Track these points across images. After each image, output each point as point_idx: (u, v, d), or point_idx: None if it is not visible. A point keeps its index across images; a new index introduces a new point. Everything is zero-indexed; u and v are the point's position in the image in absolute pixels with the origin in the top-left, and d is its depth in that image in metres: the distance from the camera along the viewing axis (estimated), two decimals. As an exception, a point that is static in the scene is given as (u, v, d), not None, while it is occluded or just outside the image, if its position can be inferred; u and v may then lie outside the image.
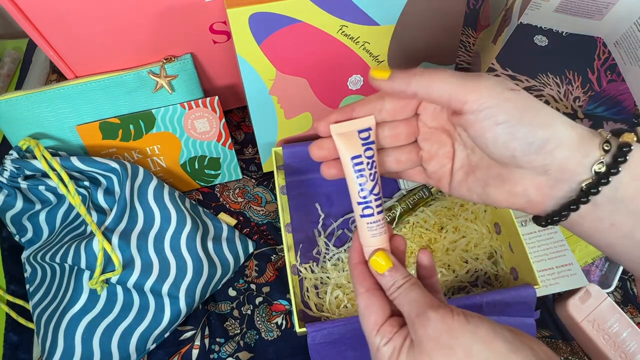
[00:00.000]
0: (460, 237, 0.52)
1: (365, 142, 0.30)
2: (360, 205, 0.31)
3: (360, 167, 0.30)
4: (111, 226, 0.46)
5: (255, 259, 0.53)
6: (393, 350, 0.28)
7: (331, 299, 0.49)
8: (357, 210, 0.31)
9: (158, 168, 0.54)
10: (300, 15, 0.41)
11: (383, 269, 0.30)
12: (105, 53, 0.45)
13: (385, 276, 0.30)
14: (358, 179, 0.30)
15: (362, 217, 0.31)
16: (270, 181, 0.58)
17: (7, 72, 0.62)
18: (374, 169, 0.30)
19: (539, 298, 0.49)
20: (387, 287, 0.30)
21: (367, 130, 0.30)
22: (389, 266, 0.30)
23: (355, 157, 0.30)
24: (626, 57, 0.49)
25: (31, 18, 0.40)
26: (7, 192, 0.47)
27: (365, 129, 0.30)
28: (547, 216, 0.28)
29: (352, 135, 0.30)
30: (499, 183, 0.29)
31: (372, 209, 0.30)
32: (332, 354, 0.44)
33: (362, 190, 0.30)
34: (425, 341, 0.26)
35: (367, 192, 0.30)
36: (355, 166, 0.30)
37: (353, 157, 0.30)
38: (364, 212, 0.31)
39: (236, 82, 0.55)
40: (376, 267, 0.30)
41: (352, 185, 0.30)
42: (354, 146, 0.30)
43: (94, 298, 0.45)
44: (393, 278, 0.29)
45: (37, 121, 0.47)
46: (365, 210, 0.31)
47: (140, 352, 0.46)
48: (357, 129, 0.30)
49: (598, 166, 0.25)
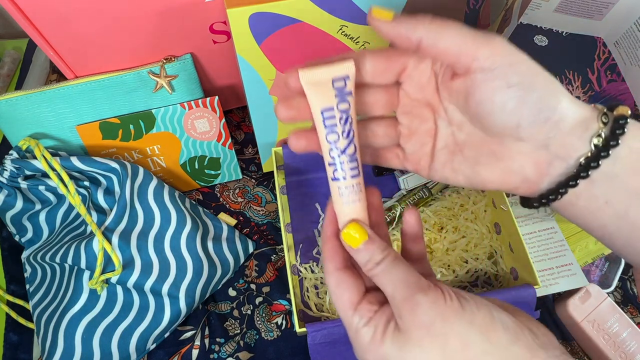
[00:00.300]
0: (460, 237, 0.52)
1: (340, 93, 0.26)
2: (331, 167, 0.27)
3: (332, 121, 0.26)
4: (111, 226, 0.46)
5: (255, 259, 0.53)
6: (375, 332, 0.25)
7: (331, 299, 0.49)
8: (328, 172, 0.27)
9: (158, 168, 0.54)
10: (300, 15, 0.40)
11: (357, 243, 0.26)
12: (105, 53, 0.45)
13: (360, 250, 0.26)
14: (328, 136, 0.26)
15: (333, 181, 0.27)
16: (270, 181, 0.58)
17: (7, 72, 0.62)
18: (349, 126, 0.26)
19: (539, 298, 0.49)
20: (363, 262, 0.26)
21: (343, 78, 0.26)
22: (364, 239, 0.26)
23: (327, 110, 0.26)
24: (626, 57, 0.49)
25: (31, 18, 0.40)
26: (7, 192, 0.47)
27: (342, 77, 0.26)
28: (541, 196, 0.27)
29: (325, 85, 0.26)
30: (492, 161, 0.27)
31: (343, 172, 0.26)
32: (332, 354, 0.43)
33: (333, 150, 0.26)
34: (414, 329, 0.23)
35: (338, 151, 0.26)
36: (326, 120, 0.26)
37: (324, 109, 0.26)
38: (335, 174, 0.26)
39: (236, 82, 0.55)
40: (349, 241, 0.26)
41: (323, 143, 0.26)
42: (325, 97, 0.26)
43: (94, 298, 0.45)
44: (369, 252, 0.26)
45: (37, 121, 0.47)
46: (336, 173, 0.26)
47: (140, 352, 0.46)
48: (331, 77, 0.26)
49: (597, 139, 0.24)
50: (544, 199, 0.26)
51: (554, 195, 0.26)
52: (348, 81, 0.26)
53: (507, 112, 0.24)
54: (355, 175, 0.27)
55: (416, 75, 0.28)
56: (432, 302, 0.24)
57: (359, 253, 0.26)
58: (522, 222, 0.52)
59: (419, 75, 0.28)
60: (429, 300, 0.24)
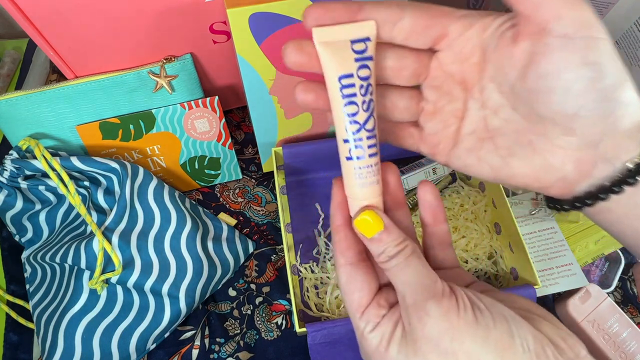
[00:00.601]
0: (460, 237, 0.52)
1: (360, 57, 0.22)
2: (347, 144, 0.23)
3: (351, 90, 0.22)
4: (111, 226, 0.46)
5: (255, 259, 0.53)
6: (381, 340, 0.23)
7: (331, 299, 0.49)
8: (342, 150, 0.24)
9: (158, 168, 0.54)
10: (300, 15, 0.40)
11: (372, 232, 0.24)
12: (105, 53, 0.45)
13: (374, 241, 0.24)
14: (346, 107, 0.23)
15: (348, 160, 0.24)
16: (270, 181, 0.58)
17: (7, 72, 0.62)
18: (369, 96, 0.23)
19: (539, 298, 0.49)
20: (377, 254, 0.24)
21: (364, 40, 0.22)
22: (380, 229, 0.23)
23: (345, 77, 0.22)
24: (626, 57, 0.49)
25: (31, 18, 0.40)
26: (7, 192, 0.47)
27: (362, 38, 0.22)
28: (576, 199, 0.24)
29: (343, 47, 0.22)
30: (528, 153, 0.24)
31: (362, 150, 0.23)
32: (332, 354, 0.43)
33: (352, 123, 0.23)
34: (422, 341, 0.21)
35: (357, 126, 0.23)
36: (344, 89, 0.22)
37: (342, 76, 0.22)
38: (353, 153, 0.23)
39: (236, 82, 0.55)
40: (363, 229, 0.24)
41: (338, 116, 0.23)
42: (344, 62, 0.22)
43: (94, 298, 0.45)
44: (384, 244, 0.23)
45: (37, 121, 0.47)
46: (354, 151, 0.23)
47: (140, 352, 0.46)
48: (350, 38, 0.22)
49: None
50: (579, 202, 0.24)
51: (591, 199, 0.23)
52: (369, 43, 0.22)
53: (571, 95, 0.21)
54: (373, 154, 0.24)
55: (458, 44, 0.24)
56: (443, 313, 0.21)
57: (373, 243, 0.24)
58: (522, 222, 0.52)
59: (462, 44, 0.24)
60: (440, 312, 0.21)
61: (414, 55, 0.24)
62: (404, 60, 0.24)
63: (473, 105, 0.25)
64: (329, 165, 0.55)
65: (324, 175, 0.57)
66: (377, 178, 0.24)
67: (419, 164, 0.54)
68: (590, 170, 0.23)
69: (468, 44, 0.24)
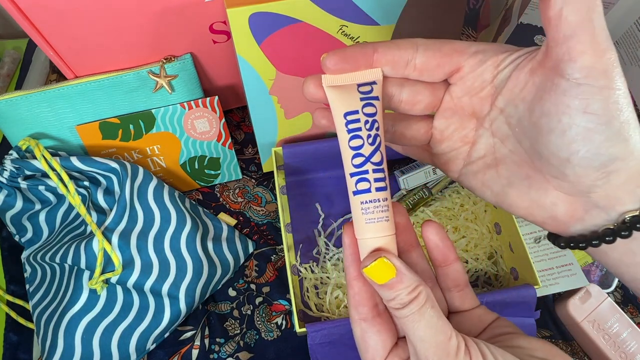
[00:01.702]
0: (460, 237, 0.52)
1: (366, 97, 0.23)
2: (353, 178, 0.23)
3: (356, 125, 0.23)
4: (111, 226, 0.46)
5: (255, 259, 0.53)
6: None
7: (331, 299, 0.49)
8: (349, 186, 0.23)
9: (158, 168, 0.54)
10: (300, 15, 0.40)
11: (384, 279, 0.22)
12: (105, 53, 0.45)
13: (386, 287, 0.22)
14: (351, 141, 0.23)
15: (355, 195, 0.23)
16: (270, 181, 0.58)
17: (7, 72, 0.62)
18: (375, 131, 0.23)
19: (539, 298, 0.49)
20: (387, 300, 0.23)
21: (370, 84, 0.23)
22: (392, 276, 0.22)
23: (350, 114, 0.23)
24: (626, 57, 0.49)
25: (31, 18, 0.40)
26: (7, 192, 0.47)
27: (368, 82, 0.23)
28: (570, 239, 0.23)
29: (350, 89, 0.23)
30: (524, 187, 0.24)
31: (368, 183, 0.23)
32: (332, 354, 0.43)
33: (356, 157, 0.23)
34: None
35: (362, 158, 0.23)
36: (349, 124, 0.23)
37: (347, 112, 0.23)
38: (358, 186, 0.23)
39: (236, 82, 0.55)
40: (373, 277, 0.23)
41: (344, 150, 0.23)
42: (349, 100, 0.23)
43: (93, 298, 0.45)
44: (396, 291, 0.22)
45: (37, 121, 0.47)
46: (359, 184, 0.23)
47: (140, 352, 0.46)
48: (356, 82, 0.23)
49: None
50: (573, 242, 0.23)
51: (584, 243, 0.23)
52: (375, 86, 0.24)
53: (567, 139, 0.21)
54: (381, 188, 0.23)
55: (470, 78, 0.24)
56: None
57: (384, 290, 0.23)
58: (522, 222, 0.52)
59: (473, 78, 0.24)
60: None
61: (428, 90, 0.25)
62: (418, 95, 0.25)
63: (484, 133, 0.25)
64: (329, 165, 0.55)
65: (324, 175, 0.57)
66: (386, 215, 0.23)
67: (419, 164, 0.54)
68: (583, 215, 0.22)
69: (479, 79, 0.24)
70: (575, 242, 0.23)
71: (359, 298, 0.24)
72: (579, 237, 0.23)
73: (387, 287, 0.22)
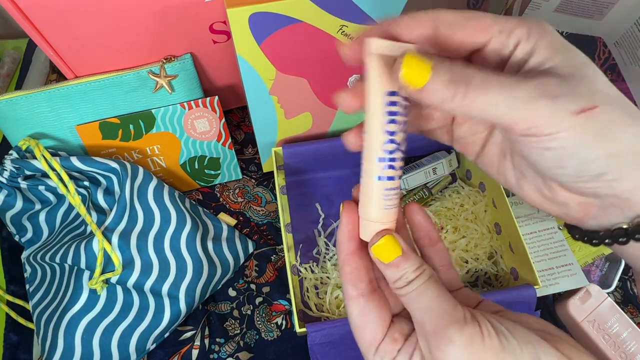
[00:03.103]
0: (460, 237, 0.52)
1: None
2: (382, 163, 0.22)
3: (395, 108, 0.21)
4: (111, 226, 0.46)
5: (255, 259, 0.53)
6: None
7: (331, 299, 0.49)
8: (373, 169, 0.22)
9: (158, 168, 0.54)
10: (300, 15, 0.40)
11: (390, 258, 0.23)
12: (105, 53, 0.45)
13: (392, 266, 0.23)
14: (387, 125, 0.21)
15: (378, 180, 0.22)
16: (270, 181, 0.58)
17: (7, 72, 0.62)
18: (406, 118, 0.22)
19: (539, 298, 0.49)
20: (393, 280, 0.23)
21: None
22: (398, 254, 0.22)
23: (392, 94, 0.21)
24: (626, 57, 0.49)
25: (31, 18, 0.40)
26: (7, 192, 0.47)
27: None
28: (585, 233, 0.23)
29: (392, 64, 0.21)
30: (536, 183, 0.23)
31: (394, 171, 0.22)
32: (332, 354, 0.43)
33: (390, 142, 0.22)
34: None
35: (394, 145, 0.22)
36: (389, 106, 0.21)
37: (390, 92, 0.21)
38: (385, 172, 0.22)
39: (236, 82, 0.55)
40: (381, 256, 0.23)
41: (375, 133, 0.22)
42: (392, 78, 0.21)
43: (93, 298, 0.45)
44: (401, 270, 0.22)
45: (37, 121, 0.47)
46: (386, 171, 0.22)
47: (140, 352, 0.46)
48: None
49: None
50: (587, 237, 0.23)
51: (597, 240, 0.22)
52: None
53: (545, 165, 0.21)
54: (401, 176, 0.23)
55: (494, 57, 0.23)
56: (468, 341, 0.20)
57: (389, 269, 0.23)
58: (522, 222, 0.52)
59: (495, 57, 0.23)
60: (464, 339, 0.20)
61: None
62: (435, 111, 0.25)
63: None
64: (329, 165, 0.55)
65: (324, 175, 0.57)
66: (398, 201, 0.24)
67: (419, 164, 0.54)
68: (597, 213, 0.22)
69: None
70: (589, 238, 0.23)
71: (357, 274, 0.24)
72: (594, 235, 0.22)
73: (393, 266, 0.23)
